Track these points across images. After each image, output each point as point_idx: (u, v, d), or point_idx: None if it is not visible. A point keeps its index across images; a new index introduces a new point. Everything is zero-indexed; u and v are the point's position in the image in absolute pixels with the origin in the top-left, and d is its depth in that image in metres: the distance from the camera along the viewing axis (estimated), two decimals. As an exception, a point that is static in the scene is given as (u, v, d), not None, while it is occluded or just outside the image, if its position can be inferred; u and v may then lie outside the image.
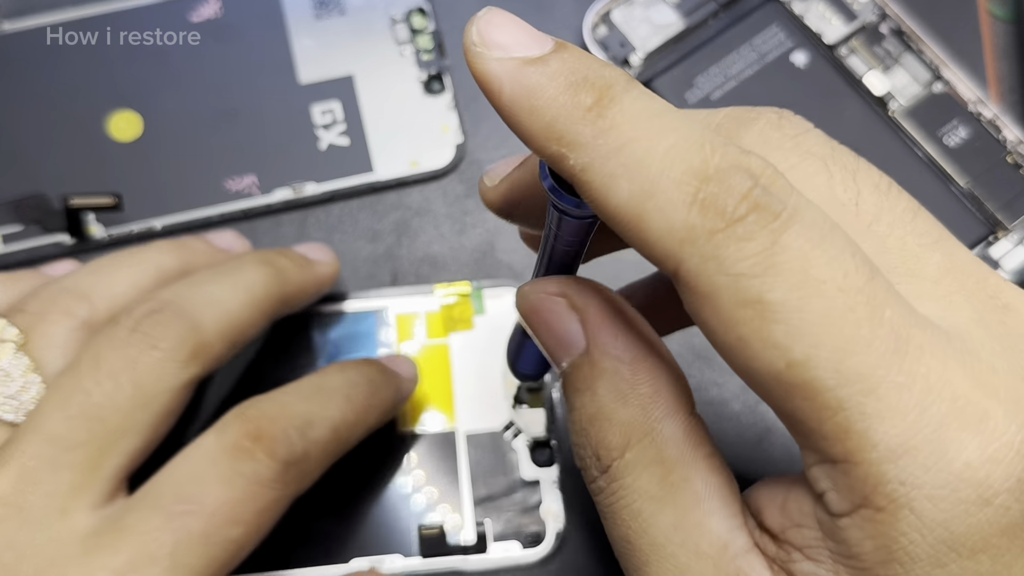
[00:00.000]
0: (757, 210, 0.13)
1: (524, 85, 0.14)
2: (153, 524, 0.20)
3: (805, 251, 0.13)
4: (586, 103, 0.14)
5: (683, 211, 0.13)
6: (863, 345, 0.13)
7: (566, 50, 0.15)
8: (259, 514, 0.21)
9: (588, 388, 0.17)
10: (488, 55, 0.14)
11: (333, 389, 0.23)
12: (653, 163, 0.13)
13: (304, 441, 0.21)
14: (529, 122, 0.14)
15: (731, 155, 0.13)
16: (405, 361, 0.26)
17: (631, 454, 0.16)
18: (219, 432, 0.21)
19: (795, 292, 0.13)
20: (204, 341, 0.22)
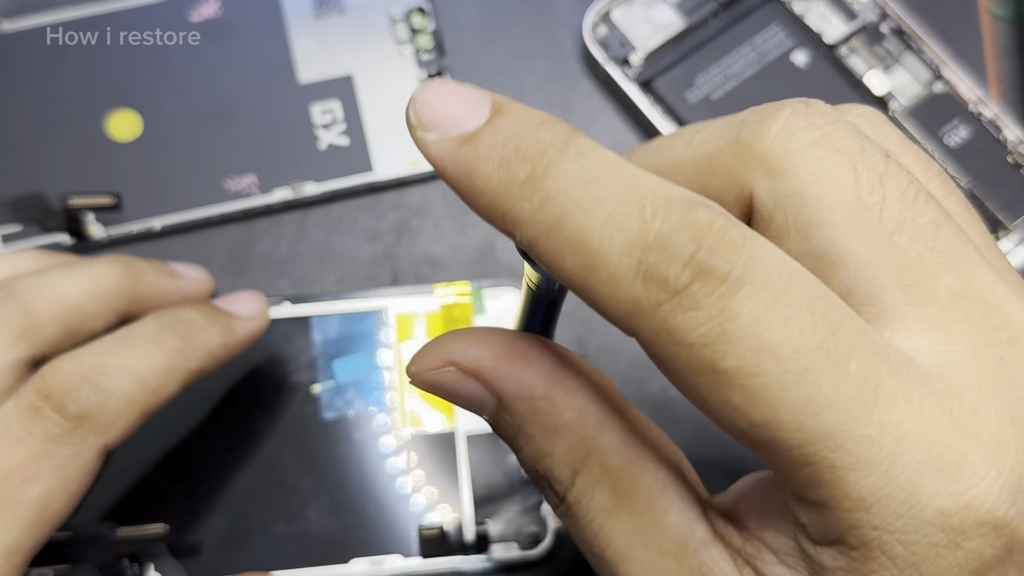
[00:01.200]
0: (701, 276, 0.13)
1: (462, 167, 0.14)
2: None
3: (756, 315, 0.13)
4: (520, 177, 0.13)
5: (627, 284, 0.13)
6: (824, 404, 0.13)
7: (502, 116, 0.14)
8: (57, 471, 0.21)
9: (518, 434, 0.17)
10: (427, 139, 0.14)
11: (140, 336, 0.23)
12: (592, 236, 0.13)
13: (99, 393, 0.21)
14: (472, 202, 0.14)
15: (674, 216, 0.13)
16: (246, 298, 0.26)
17: (580, 479, 0.16)
18: (16, 396, 0.21)
19: (748, 359, 0.13)
20: (35, 323, 0.22)
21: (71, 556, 0.25)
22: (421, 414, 0.28)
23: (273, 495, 0.27)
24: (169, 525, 0.25)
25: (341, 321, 0.29)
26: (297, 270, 0.30)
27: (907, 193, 0.15)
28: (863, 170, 0.15)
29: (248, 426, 0.28)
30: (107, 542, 0.25)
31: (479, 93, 0.14)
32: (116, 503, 0.27)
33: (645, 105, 0.31)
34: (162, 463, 0.27)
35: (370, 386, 0.28)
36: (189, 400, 0.26)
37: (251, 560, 0.26)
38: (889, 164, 0.15)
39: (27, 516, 0.21)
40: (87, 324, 0.23)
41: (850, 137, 0.15)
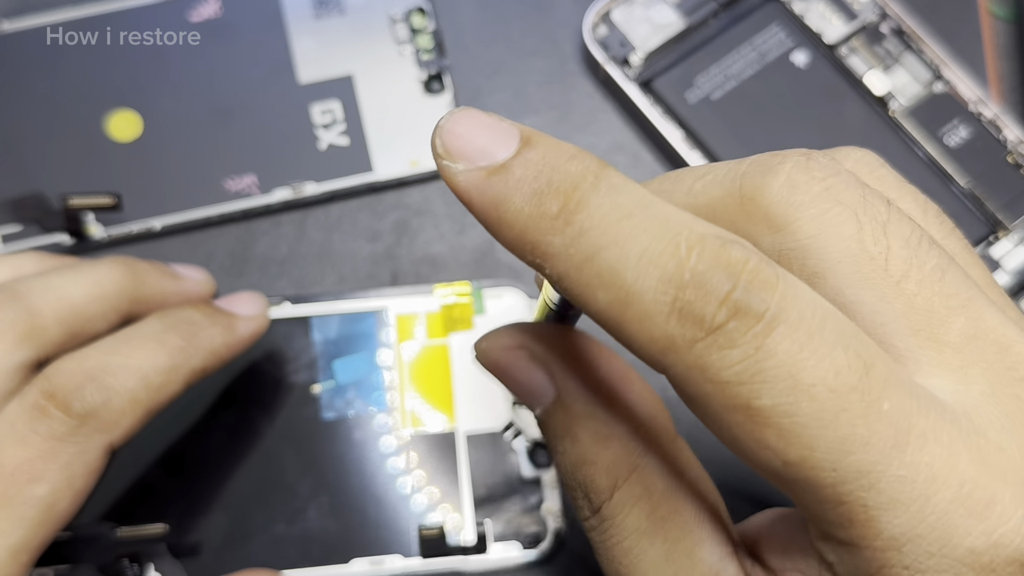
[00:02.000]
0: (738, 315, 0.13)
1: (490, 198, 0.14)
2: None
3: (792, 354, 0.13)
4: (552, 211, 0.13)
5: (661, 321, 0.13)
6: (859, 444, 0.13)
7: (531, 148, 0.14)
8: (63, 469, 0.21)
9: (567, 434, 0.17)
10: (454, 168, 0.14)
11: (144, 336, 0.23)
12: (627, 272, 0.13)
13: (103, 392, 0.21)
14: (500, 234, 0.14)
15: (708, 254, 0.13)
16: (246, 298, 0.26)
17: (619, 494, 0.16)
18: (21, 396, 0.21)
19: (784, 398, 0.13)
20: (38, 325, 0.22)
21: (71, 556, 0.26)
22: (421, 414, 0.28)
23: (273, 495, 0.27)
24: (169, 525, 0.25)
25: (341, 321, 0.29)
26: (297, 270, 0.30)
27: (911, 240, 0.15)
28: (866, 221, 0.15)
29: (248, 426, 0.28)
30: (107, 542, 0.25)
31: (507, 124, 0.14)
32: (116, 503, 0.27)
33: (645, 105, 0.31)
34: (162, 463, 0.27)
35: (370, 386, 0.28)
36: (189, 400, 0.26)
37: (251, 560, 0.26)
38: (891, 212, 0.15)
39: (33, 515, 0.21)
40: (90, 326, 0.23)
41: (852, 188, 0.15)
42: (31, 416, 0.21)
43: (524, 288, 0.29)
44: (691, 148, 0.31)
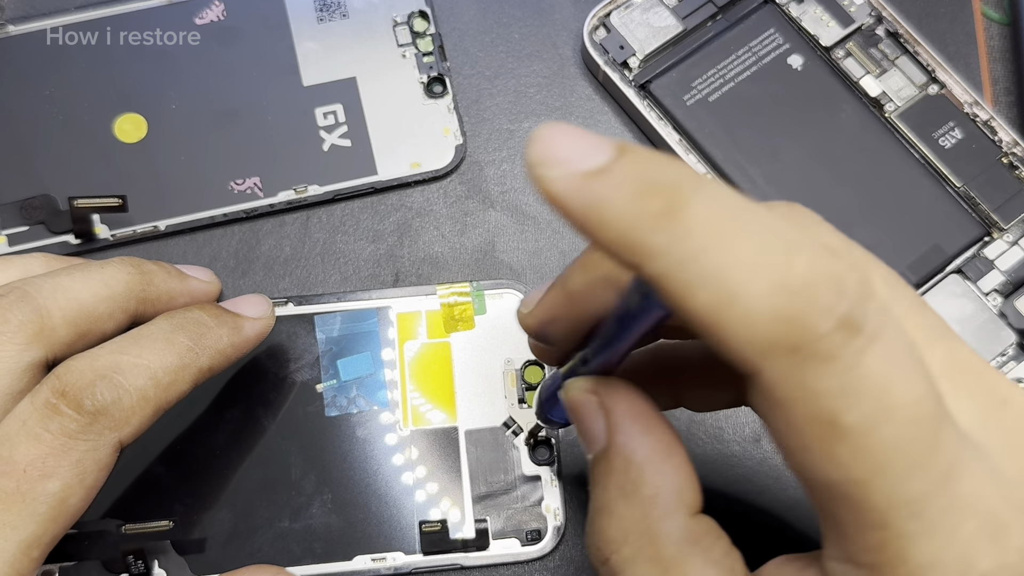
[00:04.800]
0: (842, 328, 0.13)
1: (591, 200, 0.14)
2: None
3: (885, 373, 0.13)
4: (655, 209, 0.13)
5: (765, 324, 0.13)
6: (920, 471, 0.13)
7: (628, 154, 0.14)
8: (74, 466, 0.21)
9: (600, 482, 0.17)
10: (551, 174, 0.14)
11: (153, 336, 0.23)
12: (734, 272, 0.13)
13: (114, 390, 0.22)
14: (601, 235, 0.14)
15: (818, 265, 0.13)
16: (252, 300, 0.27)
17: (628, 550, 0.17)
18: (32, 395, 0.22)
19: (869, 417, 0.13)
20: (48, 325, 0.23)
21: (77, 552, 0.26)
22: (423, 411, 0.28)
23: (277, 492, 0.27)
24: (174, 522, 0.26)
25: (344, 320, 0.29)
26: (301, 270, 0.31)
27: (888, 280, 0.16)
28: None
29: (253, 424, 0.28)
30: (113, 539, 0.26)
31: (600, 136, 0.14)
32: (122, 500, 0.27)
33: (643, 108, 0.31)
34: (167, 460, 0.27)
35: (373, 384, 0.28)
36: (195, 399, 0.27)
37: (255, 556, 0.27)
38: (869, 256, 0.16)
39: (45, 511, 0.21)
40: (99, 326, 0.24)
41: (830, 238, 0.16)
42: (43, 414, 0.21)
43: (524, 288, 0.30)
44: (688, 150, 0.31)
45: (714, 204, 0.13)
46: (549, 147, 0.14)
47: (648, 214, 0.13)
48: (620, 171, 0.14)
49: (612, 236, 0.14)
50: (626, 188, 0.13)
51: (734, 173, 0.30)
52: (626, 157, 0.14)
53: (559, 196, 0.14)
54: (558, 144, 0.14)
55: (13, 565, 0.21)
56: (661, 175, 0.14)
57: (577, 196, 0.14)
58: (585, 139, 0.14)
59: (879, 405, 0.13)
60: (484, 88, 0.33)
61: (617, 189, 0.14)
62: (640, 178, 0.14)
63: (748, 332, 0.13)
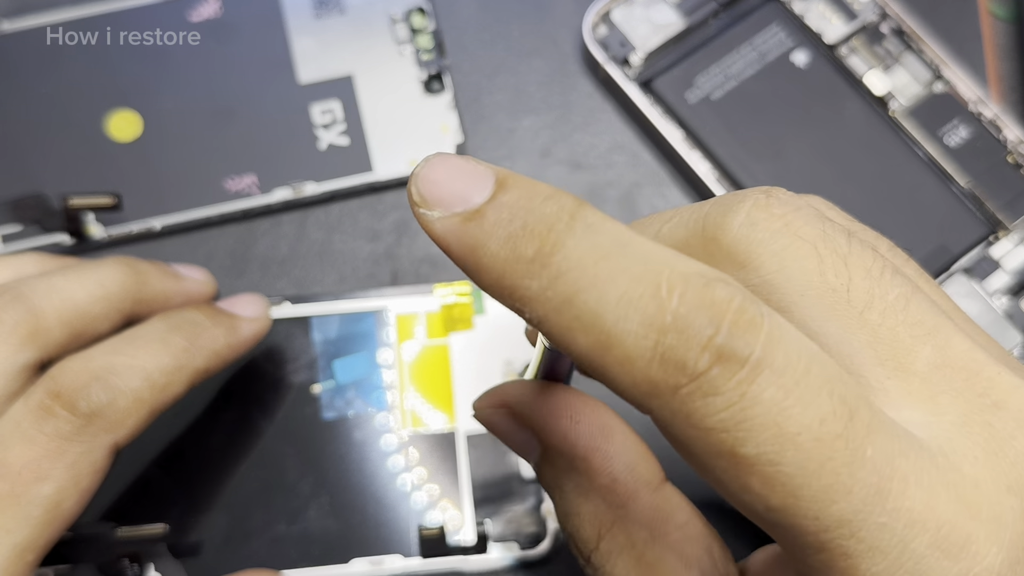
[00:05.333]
0: (721, 361, 0.12)
1: (467, 244, 0.13)
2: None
3: (777, 401, 0.12)
4: (528, 254, 0.13)
5: (643, 366, 0.13)
6: (843, 492, 0.13)
7: (506, 192, 0.14)
8: (69, 468, 0.21)
9: (555, 487, 0.17)
10: (430, 216, 0.14)
11: (147, 336, 0.23)
12: (607, 315, 0.13)
13: (109, 392, 0.22)
14: (479, 279, 0.14)
15: (691, 295, 0.12)
16: (248, 300, 0.26)
17: (603, 544, 0.16)
18: (26, 396, 0.21)
19: (769, 446, 0.12)
20: (42, 326, 0.22)
21: (71, 556, 0.26)
22: (421, 414, 0.28)
23: (273, 495, 0.27)
24: (169, 525, 0.25)
25: (341, 321, 0.29)
26: (297, 270, 0.30)
27: (872, 271, 0.15)
28: (826, 253, 0.15)
29: (248, 426, 0.28)
30: (107, 542, 0.25)
31: (481, 167, 0.14)
32: (116, 503, 0.27)
33: (645, 105, 0.31)
34: (162, 463, 0.27)
35: (370, 386, 0.28)
36: (190, 400, 0.26)
37: (251, 560, 0.26)
38: (852, 244, 0.15)
39: (39, 514, 0.21)
40: (93, 326, 0.23)
41: (812, 223, 0.15)
42: (37, 416, 0.21)
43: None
44: (691, 148, 0.31)
45: (587, 243, 0.13)
46: (428, 186, 0.14)
47: (520, 259, 0.13)
48: (493, 214, 0.13)
49: (489, 281, 0.14)
50: (500, 231, 0.13)
51: (737, 171, 0.30)
52: (504, 195, 0.14)
53: (438, 238, 0.14)
54: (437, 182, 0.14)
55: (7, 569, 0.20)
56: (535, 215, 0.13)
57: (455, 240, 0.14)
58: (466, 173, 0.14)
59: (776, 434, 0.12)
60: (483, 85, 0.33)
61: (491, 234, 0.13)
62: (513, 220, 0.13)
63: (629, 376, 0.13)
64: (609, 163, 0.32)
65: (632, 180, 0.32)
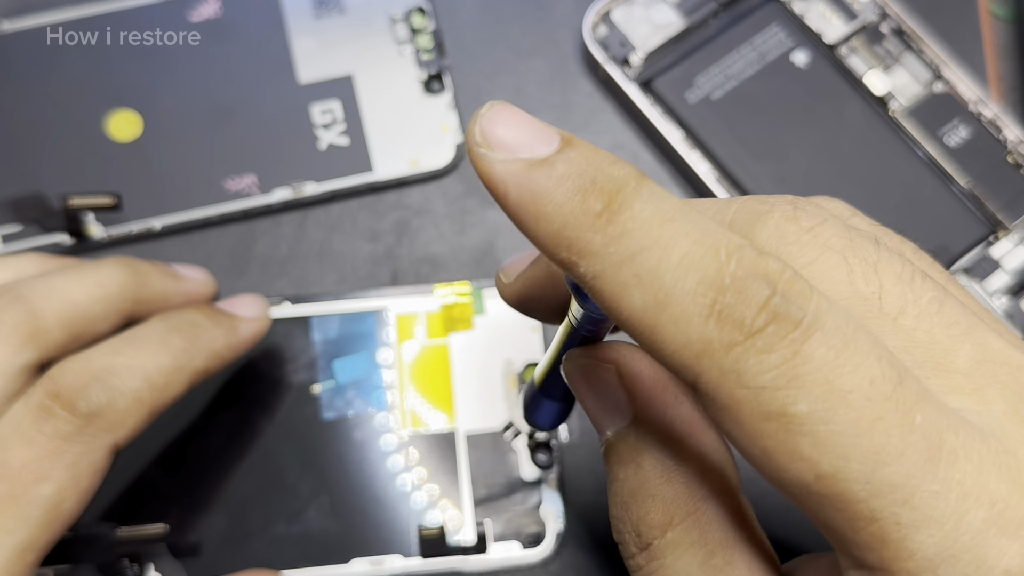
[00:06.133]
0: (776, 320, 0.13)
1: (530, 190, 0.14)
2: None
3: (828, 360, 0.13)
4: (595, 209, 0.13)
5: (699, 323, 0.13)
6: (894, 455, 0.12)
7: (573, 148, 0.14)
8: (68, 469, 0.21)
9: (632, 460, 0.17)
10: (492, 157, 0.14)
11: (147, 337, 0.23)
12: (667, 273, 0.13)
13: (108, 392, 0.22)
14: (537, 228, 0.14)
15: (748, 261, 0.13)
16: (247, 300, 0.26)
17: (673, 533, 0.16)
18: (26, 397, 0.21)
19: (820, 404, 0.12)
20: (42, 327, 0.22)
21: (71, 556, 0.26)
22: (421, 414, 0.28)
23: (273, 495, 0.27)
24: (169, 525, 0.25)
25: (341, 321, 0.29)
26: (297, 270, 0.30)
27: (903, 276, 0.15)
28: (856, 263, 0.15)
29: (248, 426, 0.28)
30: (107, 542, 0.25)
31: (547, 125, 0.14)
32: (116, 503, 0.27)
33: (645, 105, 0.31)
34: (162, 463, 0.27)
35: (370, 386, 0.28)
36: (190, 400, 0.26)
37: (251, 560, 0.26)
38: (881, 252, 0.15)
39: (39, 514, 0.21)
40: (93, 327, 0.23)
41: (839, 233, 0.15)
42: (37, 416, 0.21)
43: (524, 288, 0.29)
44: (691, 148, 0.31)
45: (653, 207, 0.13)
46: (494, 128, 0.14)
47: (587, 212, 0.13)
48: (564, 165, 0.14)
49: (548, 230, 0.14)
50: (568, 183, 0.13)
51: (738, 171, 0.30)
52: (572, 151, 0.14)
53: (498, 181, 0.14)
54: (504, 126, 0.14)
55: (8, 569, 0.20)
56: (605, 174, 0.14)
57: (516, 184, 0.14)
58: (532, 125, 0.14)
59: (828, 390, 0.12)
60: (483, 85, 0.33)
61: (559, 183, 0.13)
62: (583, 174, 0.14)
63: (682, 334, 0.13)
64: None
65: (632, 180, 0.31)
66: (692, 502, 0.16)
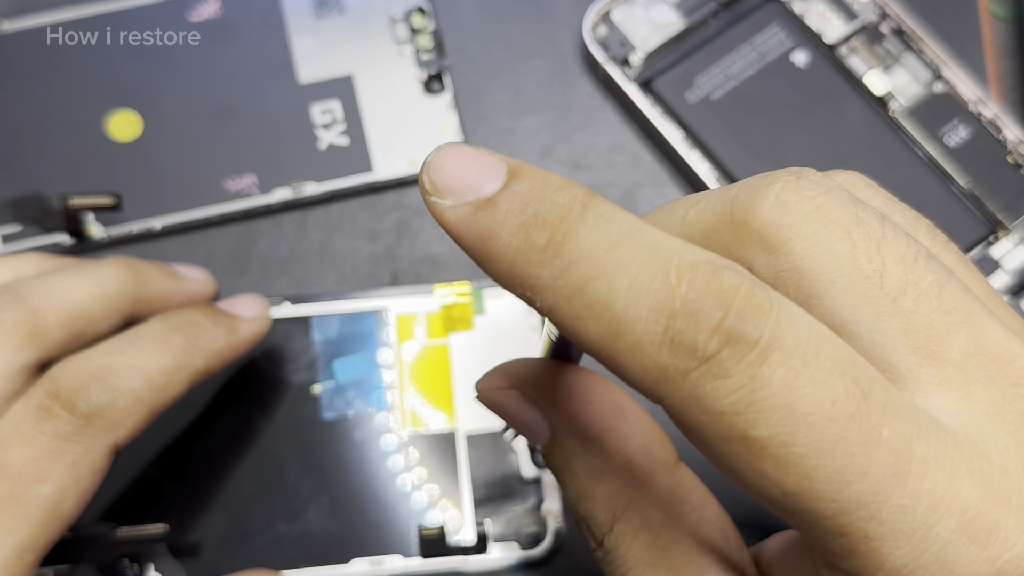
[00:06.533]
0: (730, 343, 0.12)
1: (478, 233, 0.14)
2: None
3: (788, 382, 0.12)
4: (540, 243, 0.13)
5: (654, 351, 0.13)
6: (859, 473, 0.12)
7: (518, 180, 0.14)
8: (68, 469, 0.21)
9: (566, 469, 0.17)
10: (442, 204, 0.14)
11: (147, 337, 0.23)
12: (616, 302, 0.13)
13: (108, 392, 0.22)
14: (491, 268, 0.14)
15: (699, 281, 0.13)
16: (248, 301, 0.26)
17: (618, 526, 0.16)
18: (26, 397, 0.21)
19: (781, 427, 0.12)
20: (42, 327, 0.22)
21: (71, 556, 0.26)
22: (421, 414, 0.28)
23: (273, 495, 0.27)
24: (169, 525, 0.25)
25: (341, 321, 0.29)
26: (297, 270, 0.30)
27: (906, 256, 0.15)
28: (859, 238, 0.15)
29: (248, 426, 0.28)
30: (107, 542, 0.25)
31: (494, 157, 0.14)
32: (116, 503, 0.27)
33: (645, 105, 0.31)
34: (162, 463, 0.27)
35: (370, 386, 0.28)
36: (190, 400, 0.26)
37: (251, 560, 0.26)
38: (886, 229, 0.15)
39: (39, 514, 0.21)
40: (93, 327, 0.23)
41: (844, 206, 0.15)
42: (36, 416, 0.21)
43: (524, 288, 0.29)
44: (691, 148, 0.31)
45: (598, 233, 0.13)
46: (440, 174, 0.14)
47: (532, 248, 0.13)
48: (506, 203, 0.14)
49: (500, 270, 0.14)
50: (512, 220, 0.13)
51: (738, 171, 0.30)
52: (516, 184, 0.14)
53: (450, 227, 0.14)
54: (449, 171, 0.14)
55: (8, 569, 0.20)
56: (548, 203, 0.13)
57: (467, 229, 0.14)
58: (479, 163, 0.14)
59: (788, 414, 0.12)
60: (483, 85, 0.33)
61: (503, 222, 0.13)
62: (526, 208, 0.13)
63: (639, 363, 0.13)
64: (609, 163, 0.32)
65: (632, 180, 0.31)
66: (626, 493, 0.16)
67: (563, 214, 0.13)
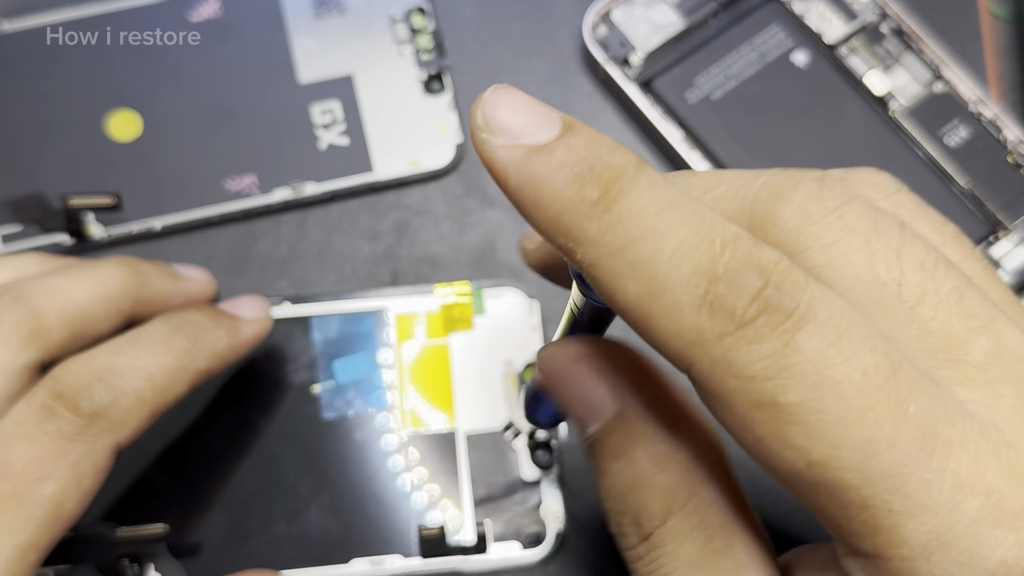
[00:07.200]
0: (768, 311, 0.13)
1: (529, 177, 0.14)
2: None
3: (820, 351, 0.13)
4: (592, 197, 0.13)
5: (691, 313, 0.13)
6: (886, 444, 0.12)
7: (574, 134, 0.14)
8: (71, 468, 0.21)
9: (624, 454, 0.16)
10: (493, 142, 0.14)
11: (149, 337, 0.23)
12: (660, 263, 0.13)
13: (111, 392, 0.22)
14: (536, 214, 0.14)
15: (741, 252, 0.13)
16: (249, 302, 0.26)
17: (673, 521, 0.16)
18: (28, 397, 0.21)
19: (811, 394, 0.12)
20: (43, 327, 0.22)
21: (71, 556, 0.26)
22: (422, 414, 0.28)
23: (273, 495, 0.27)
24: (169, 525, 0.25)
25: (341, 321, 0.29)
26: (297, 270, 0.30)
27: (925, 264, 0.15)
28: (878, 247, 0.15)
29: (248, 426, 0.28)
30: (107, 542, 0.25)
31: (550, 109, 0.14)
32: (116, 503, 0.27)
33: (645, 105, 0.31)
34: (162, 463, 0.27)
35: (370, 386, 0.28)
36: (190, 401, 0.26)
37: (251, 560, 0.26)
38: (905, 237, 0.15)
39: (42, 514, 0.21)
40: (94, 327, 0.23)
41: (864, 215, 0.15)
42: (39, 416, 0.21)
43: (524, 288, 0.29)
44: (691, 148, 0.31)
45: (651, 195, 0.13)
46: (496, 112, 0.14)
47: (584, 200, 0.13)
48: (563, 152, 0.14)
49: (546, 217, 0.14)
50: (566, 170, 0.14)
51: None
52: (572, 137, 0.14)
53: (499, 166, 0.14)
54: (506, 110, 0.14)
55: (10, 569, 0.20)
56: (603, 161, 0.14)
57: (516, 170, 0.14)
58: (534, 110, 0.14)
59: (818, 380, 0.12)
60: (483, 85, 0.32)
61: (557, 170, 0.14)
62: (581, 162, 0.14)
63: (674, 323, 0.13)
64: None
65: (632, 180, 0.31)
66: (690, 487, 0.16)
67: (618, 173, 0.14)
